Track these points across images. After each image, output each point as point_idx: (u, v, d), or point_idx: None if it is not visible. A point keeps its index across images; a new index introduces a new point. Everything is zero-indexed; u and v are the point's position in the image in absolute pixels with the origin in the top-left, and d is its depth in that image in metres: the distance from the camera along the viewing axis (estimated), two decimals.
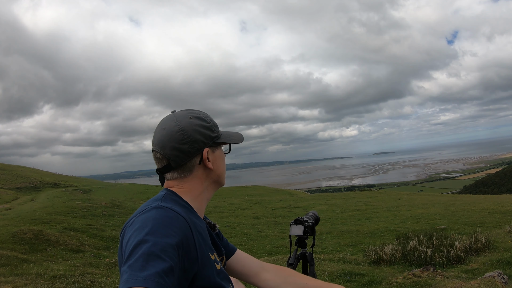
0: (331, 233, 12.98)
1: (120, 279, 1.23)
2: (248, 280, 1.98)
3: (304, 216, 2.85)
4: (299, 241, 2.78)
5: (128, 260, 1.27)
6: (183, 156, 1.63)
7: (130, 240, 1.32)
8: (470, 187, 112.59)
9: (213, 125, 1.73)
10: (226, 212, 19.46)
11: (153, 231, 1.33)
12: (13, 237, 9.02)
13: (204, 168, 1.68)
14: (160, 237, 1.32)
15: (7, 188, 29.21)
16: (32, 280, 5.76)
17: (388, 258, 7.97)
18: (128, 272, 1.22)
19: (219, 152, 1.76)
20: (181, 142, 1.62)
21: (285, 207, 21.87)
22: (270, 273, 1.96)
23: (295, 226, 2.76)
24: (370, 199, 25.11)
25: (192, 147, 1.63)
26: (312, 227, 2.78)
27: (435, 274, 6.28)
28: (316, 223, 2.90)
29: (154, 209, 1.45)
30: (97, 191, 28.15)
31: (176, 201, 1.60)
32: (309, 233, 2.75)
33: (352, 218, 16.84)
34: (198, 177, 1.68)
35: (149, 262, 1.24)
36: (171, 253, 1.30)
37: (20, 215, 12.95)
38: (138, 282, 1.19)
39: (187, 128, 1.64)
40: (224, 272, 1.65)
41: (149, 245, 1.28)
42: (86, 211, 15.14)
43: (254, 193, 35.38)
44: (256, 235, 13.43)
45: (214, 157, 1.72)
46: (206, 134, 1.67)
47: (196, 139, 1.63)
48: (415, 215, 16.50)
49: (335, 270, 7.00)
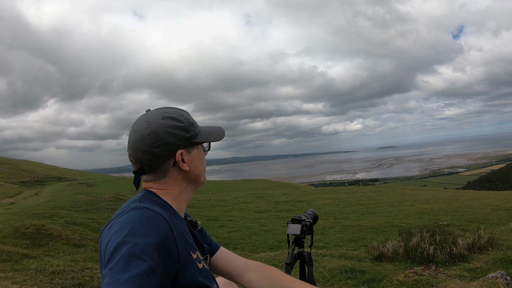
0: (334, 228, 12.95)
1: (102, 282, 1.20)
2: (233, 280, 1.94)
3: (302, 215, 2.79)
4: (296, 240, 2.73)
5: (109, 262, 1.23)
6: (156, 160, 1.57)
7: (110, 242, 1.30)
8: (474, 182, 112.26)
9: (188, 125, 1.64)
10: (230, 206, 19.46)
11: (132, 232, 1.30)
12: (15, 232, 9.03)
13: (179, 170, 1.61)
14: (140, 237, 1.29)
15: (11, 183, 29.37)
16: (31, 275, 5.75)
17: (390, 255, 7.92)
18: (110, 275, 1.18)
19: (196, 152, 1.68)
20: (152, 145, 1.55)
21: (288, 201, 21.83)
22: (255, 273, 1.90)
23: (292, 225, 2.71)
24: (373, 194, 25.03)
25: (164, 150, 1.56)
26: (310, 226, 2.72)
27: (437, 273, 6.22)
28: (314, 222, 2.85)
29: (132, 210, 1.42)
30: (101, 185, 28.27)
31: (155, 201, 1.56)
32: (306, 232, 2.70)
33: (355, 213, 16.80)
34: (174, 179, 1.62)
35: (130, 263, 1.21)
36: (152, 253, 1.27)
37: (24, 209, 12.97)
38: (120, 285, 1.16)
39: (158, 130, 1.56)
40: (207, 271, 1.62)
41: (129, 246, 1.25)
42: (89, 205, 15.17)
43: (258, 186, 35.41)
44: (259, 229, 13.40)
45: (191, 158, 1.64)
46: (179, 135, 1.59)
47: (167, 142, 1.56)
48: (418, 211, 16.45)
49: (336, 267, 6.96)
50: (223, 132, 1.75)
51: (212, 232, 12.38)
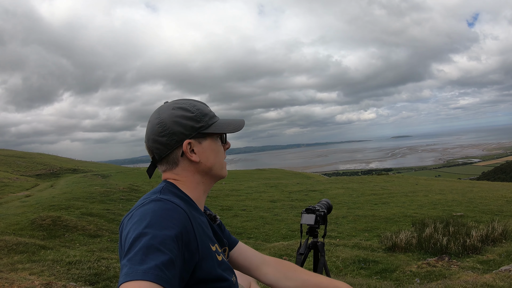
0: (347, 218, 12.93)
1: (120, 273, 1.21)
2: (249, 273, 1.95)
3: (316, 205, 2.80)
4: (310, 230, 2.74)
5: (128, 253, 1.25)
6: (163, 149, 1.59)
7: (130, 233, 1.31)
8: (488, 173, 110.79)
9: (199, 115, 1.63)
10: (243, 196, 19.50)
11: (152, 223, 1.31)
12: (32, 223, 9.18)
13: (190, 161, 1.62)
14: (159, 229, 1.30)
15: (27, 175, 29.76)
16: (48, 266, 5.86)
17: (403, 245, 7.90)
18: (128, 266, 1.20)
19: (209, 143, 1.66)
20: (159, 134, 1.58)
21: (301, 190, 21.79)
22: (271, 267, 1.93)
23: (306, 215, 2.72)
24: (387, 184, 24.91)
25: (170, 139, 1.58)
26: (324, 216, 2.74)
27: (450, 264, 6.20)
28: (328, 212, 2.86)
29: (152, 202, 1.43)
30: (115, 176, 28.44)
31: (175, 193, 1.57)
32: (320, 223, 2.71)
33: (369, 203, 16.74)
34: (187, 170, 1.63)
35: (149, 255, 1.22)
36: (171, 245, 1.28)
37: (40, 201, 13.16)
38: (138, 276, 1.17)
39: (166, 120, 1.59)
40: (226, 263, 1.62)
41: (148, 238, 1.26)
42: (104, 196, 15.32)
43: (271, 176, 35.38)
44: (272, 218, 13.42)
45: (202, 149, 1.63)
46: (187, 125, 1.59)
47: (174, 131, 1.58)
48: (432, 201, 16.36)
49: (349, 257, 6.97)
50: (241, 124, 1.72)
51: (226, 222, 12.47)
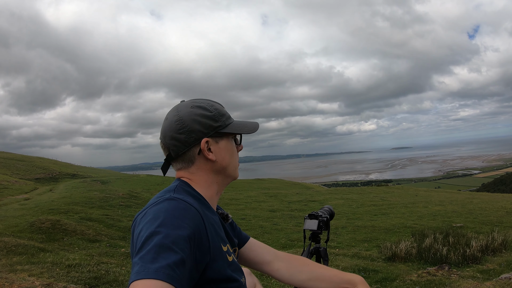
0: (346, 228, 12.92)
1: (132, 271, 1.22)
2: (261, 269, 1.95)
3: (319, 211, 2.83)
4: (313, 235, 2.76)
5: (140, 251, 1.25)
6: (181, 146, 1.60)
7: (142, 231, 1.32)
8: (488, 185, 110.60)
9: (217, 115, 1.65)
10: (242, 205, 19.49)
11: (165, 222, 1.32)
12: (31, 226, 9.17)
13: (206, 159, 1.62)
14: (172, 228, 1.30)
15: (26, 179, 29.75)
16: (48, 268, 5.84)
17: (403, 255, 7.90)
18: (140, 264, 1.20)
19: (225, 143, 1.68)
20: (178, 131, 1.59)
21: (301, 200, 21.81)
22: (284, 262, 1.93)
23: (309, 220, 2.74)
24: (386, 195, 24.92)
25: (189, 136, 1.59)
26: (327, 222, 2.75)
27: (450, 273, 6.19)
28: (331, 218, 2.87)
29: (166, 201, 1.43)
30: (114, 182, 28.43)
31: (189, 192, 1.58)
32: (323, 228, 2.73)
33: (368, 213, 16.75)
34: (202, 169, 1.64)
35: (161, 254, 1.22)
36: (183, 245, 1.28)
37: (39, 205, 13.13)
38: (149, 274, 1.17)
39: (185, 117, 1.60)
40: (236, 264, 1.62)
41: (160, 237, 1.26)
42: (103, 202, 15.30)
43: (271, 186, 35.39)
44: (271, 228, 13.41)
45: (218, 148, 1.64)
46: (205, 123, 1.61)
47: (193, 129, 1.59)
48: (431, 212, 16.34)
49: (349, 266, 6.96)
50: (256, 127, 1.74)
51: None
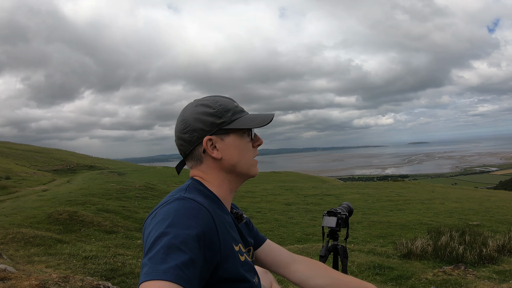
0: (362, 223, 12.85)
1: (141, 271, 1.21)
2: (278, 271, 1.92)
3: (337, 207, 2.78)
4: (331, 233, 2.72)
5: (149, 252, 1.25)
6: (186, 145, 1.59)
7: (152, 232, 1.31)
8: (506, 182, 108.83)
9: (221, 111, 1.59)
10: (258, 198, 19.50)
11: (174, 223, 1.31)
12: (49, 217, 9.29)
13: (213, 158, 1.59)
14: (181, 229, 1.29)
15: (44, 170, 30.18)
16: (65, 260, 5.92)
17: (418, 253, 7.82)
18: (149, 265, 1.20)
19: (232, 140, 1.61)
20: (182, 131, 1.58)
21: (317, 194, 21.70)
22: (301, 264, 1.90)
23: (328, 217, 2.70)
24: (403, 190, 24.68)
25: (191, 135, 1.57)
26: (346, 219, 2.71)
27: (466, 273, 6.11)
28: (349, 215, 2.82)
29: (176, 201, 1.42)
30: (131, 174, 28.64)
31: (201, 191, 1.56)
32: (342, 225, 2.69)
33: (384, 209, 16.61)
34: (211, 167, 1.61)
35: (170, 254, 1.21)
36: (192, 245, 1.27)
37: (56, 196, 13.32)
38: (158, 275, 1.16)
39: (188, 117, 1.58)
40: (249, 264, 1.59)
41: (169, 237, 1.26)
42: (120, 193, 15.46)
43: (287, 179, 35.36)
44: (287, 221, 13.39)
45: (224, 145, 1.59)
46: (207, 121, 1.57)
47: (195, 128, 1.56)
48: (448, 209, 16.18)
49: (365, 262, 6.91)
50: (267, 119, 1.66)
51: None
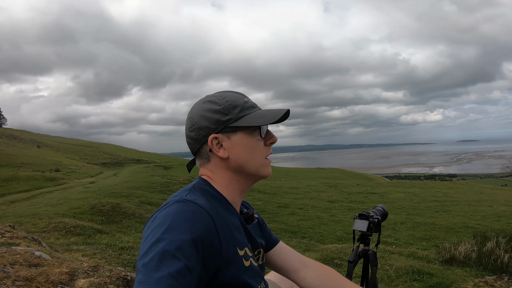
0: (405, 224, 12.50)
1: (136, 278, 1.19)
2: (287, 276, 1.84)
3: (370, 211, 2.62)
4: (362, 237, 2.56)
5: (144, 257, 1.21)
6: (193, 143, 1.55)
7: (149, 237, 1.27)
8: None
9: (227, 107, 1.50)
10: (301, 194, 19.33)
11: (171, 227, 1.26)
12: (92, 208, 9.54)
13: (219, 157, 1.52)
14: (178, 234, 1.25)
15: (93, 163, 31.30)
16: (101, 249, 6.05)
17: (461, 259, 7.49)
18: (142, 272, 1.17)
19: (239, 138, 1.51)
20: (189, 129, 1.54)
21: (361, 192, 21.28)
22: (312, 271, 1.80)
23: (359, 221, 2.53)
24: (450, 190, 23.83)
25: (198, 134, 1.51)
26: (378, 223, 2.54)
27: (509, 285, 5.80)
28: (383, 219, 2.65)
29: (175, 203, 1.36)
30: (176, 168, 29.15)
31: (207, 191, 1.50)
32: (373, 230, 2.52)
33: (429, 210, 16.05)
34: (219, 166, 1.54)
35: (163, 261, 1.18)
36: (188, 250, 1.22)
37: (102, 188, 13.71)
38: (151, 285, 1.12)
39: (195, 114, 1.53)
40: (254, 269, 1.51)
41: (164, 244, 1.22)
42: (164, 187, 15.71)
43: (331, 175, 35.09)
44: (328, 219, 13.17)
45: (231, 144, 1.51)
46: (212, 118, 1.49)
47: (201, 126, 1.50)
48: (496, 212, 15.44)
49: (403, 266, 6.70)
50: (277, 115, 1.53)
51: (282, 219, 12.38)
